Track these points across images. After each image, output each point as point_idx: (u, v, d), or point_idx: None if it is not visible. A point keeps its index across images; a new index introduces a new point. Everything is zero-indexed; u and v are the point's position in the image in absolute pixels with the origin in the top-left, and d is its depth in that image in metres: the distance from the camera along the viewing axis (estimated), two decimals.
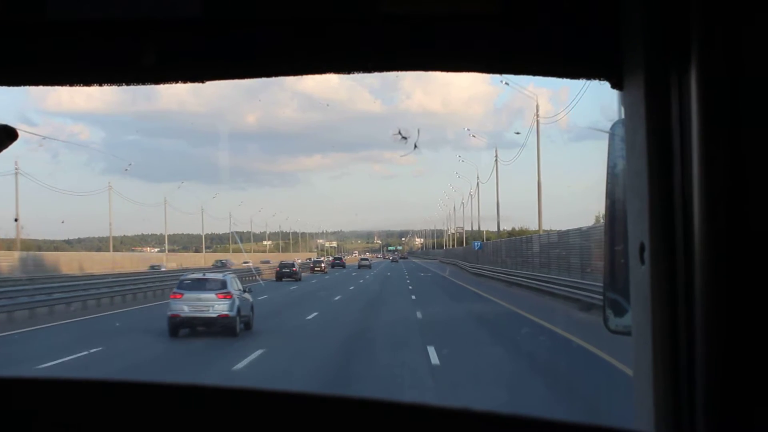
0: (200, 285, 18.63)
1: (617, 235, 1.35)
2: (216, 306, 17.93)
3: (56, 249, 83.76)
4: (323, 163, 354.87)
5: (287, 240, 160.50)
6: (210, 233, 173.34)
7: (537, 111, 42.11)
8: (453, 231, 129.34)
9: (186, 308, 17.94)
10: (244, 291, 19.59)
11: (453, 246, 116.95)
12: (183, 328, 18.12)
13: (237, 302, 18.27)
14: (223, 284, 18.61)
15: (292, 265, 52.27)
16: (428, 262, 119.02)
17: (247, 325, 18.95)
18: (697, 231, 1.02)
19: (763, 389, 0.98)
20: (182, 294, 18.27)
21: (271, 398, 1.27)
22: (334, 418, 1.22)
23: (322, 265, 73.56)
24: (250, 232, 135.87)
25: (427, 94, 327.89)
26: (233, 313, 17.95)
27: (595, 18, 1.20)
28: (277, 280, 48.15)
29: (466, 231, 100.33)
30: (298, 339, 17.89)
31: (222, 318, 17.86)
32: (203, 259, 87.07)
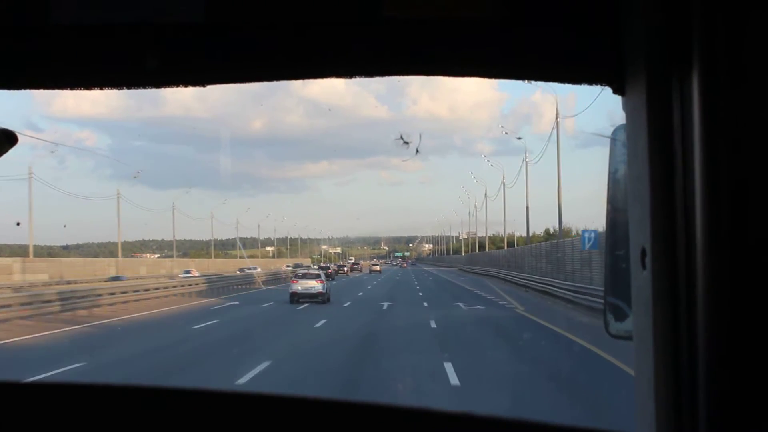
0: (307, 276, 36.66)
1: (618, 239, 1.37)
2: (316, 287, 34.98)
3: (50, 255, 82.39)
4: (330, 170, 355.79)
5: (290, 246, 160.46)
6: (214, 239, 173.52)
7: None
8: (465, 235, 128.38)
9: (300, 288, 35.08)
10: (327, 279, 38.80)
11: (470, 250, 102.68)
12: (297, 298, 34.64)
13: (326, 285, 35.86)
14: (319, 275, 36.55)
15: (328, 267, 75.55)
16: (444, 271, 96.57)
17: (328, 299, 35.40)
18: (698, 236, 1.04)
19: (766, 394, 1.00)
20: (297, 281, 35.69)
21: (275, 403, 1.30)
22: (339, 423, 1.25)
23: (345, 268, 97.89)
24: (254, 238, 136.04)
25: (433, 99, 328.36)
26: (324, 291, 35.22)
27: (596, 23, 1.22)
28: None
29: (479, 237, 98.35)
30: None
31: (319, 293, 34.79)
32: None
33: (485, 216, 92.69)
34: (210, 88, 1.32)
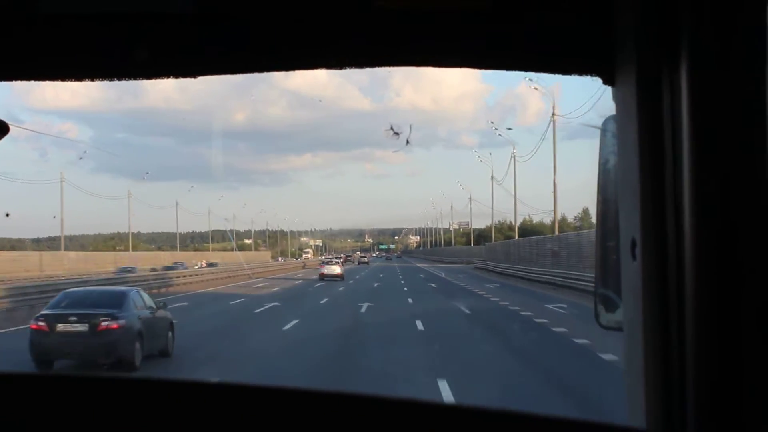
0: (331, 263, 57.06)
1: (609, 230, 1.40)
2: (336, 270, 53.79)
3: (12, 248, 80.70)
4: (314, 162, 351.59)
5: (270, 238, 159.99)
6: (191, 231, 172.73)
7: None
8: (456, 226, 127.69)
9: (326, 271, 53.81)
10: (343, 264, 62.66)
11: (492, 239, 74.46)
12: (324, 279, 51.34)
13: (342, 269, 55.74)
14: (339, 262, 58.77)
15: (338, 256, 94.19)
16: (455, 271, 64.62)
17: (344, 278, 52.06)
18: (688, 227, 1.08)
19: (753, 384, 1.05)
20: (324, 266, 56.02)
21: (269, 395, 1.34)
22: (332, 414, 1.29)
23: (341, 260, 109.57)
24: (233, 230, 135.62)
25: (417, 91, 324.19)
26: (342, 273, 53.93)
27: (586, 13, 1.25)
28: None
29: (481, 227, 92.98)
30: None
31: (339, 275, 52.94)
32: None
33: (473, 207, 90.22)
34: (191, 79, 1.35)
